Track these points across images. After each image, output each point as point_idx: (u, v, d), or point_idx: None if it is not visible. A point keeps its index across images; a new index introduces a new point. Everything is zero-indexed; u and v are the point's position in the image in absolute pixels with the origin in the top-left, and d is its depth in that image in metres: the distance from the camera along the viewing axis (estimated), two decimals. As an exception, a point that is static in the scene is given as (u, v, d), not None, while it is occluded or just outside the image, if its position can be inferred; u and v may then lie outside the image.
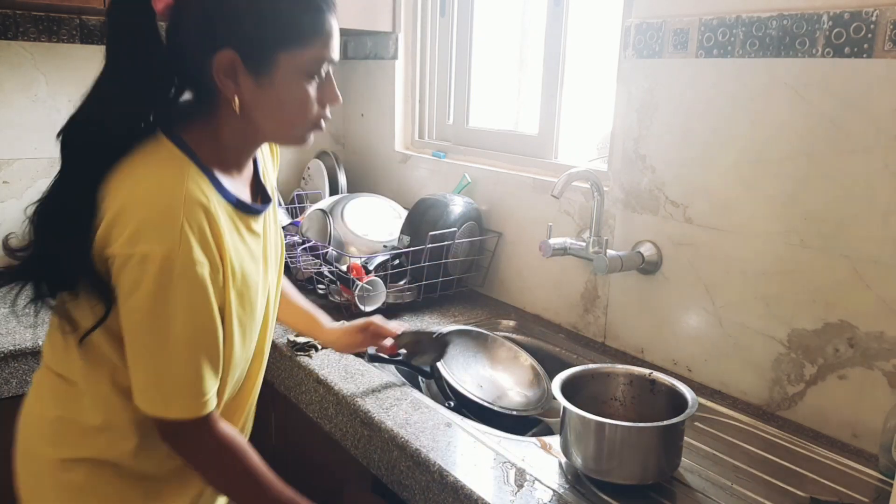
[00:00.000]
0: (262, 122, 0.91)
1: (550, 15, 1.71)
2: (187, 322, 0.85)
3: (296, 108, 0.90)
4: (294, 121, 0.92)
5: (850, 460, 1.10)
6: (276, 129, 0.93)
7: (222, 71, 0.85)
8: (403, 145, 2.21)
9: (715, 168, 1.30)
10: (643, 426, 0.98)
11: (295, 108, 0.90)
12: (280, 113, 0.90)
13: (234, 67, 0.85)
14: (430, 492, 1.05)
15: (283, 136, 0.96)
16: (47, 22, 1.85)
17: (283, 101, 0.89)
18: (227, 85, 0.86)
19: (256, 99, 0.88)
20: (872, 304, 1.11)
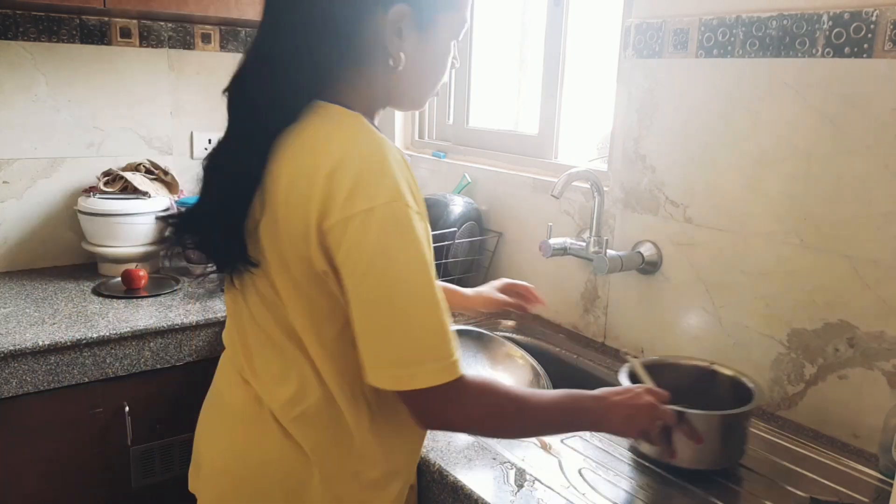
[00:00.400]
0: (412, 80, 0.92)
1: (550, 15, 1.71)
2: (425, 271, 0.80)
3: (443, 66, 0.94)
4: (436, 80, 0.95)
5: (850, 460, 1.10)
6: (418, 88, 0.94)
7: (392, 26, 0.86)
8: (403, 145, 2.21)
9: (715, 168, 1.30)
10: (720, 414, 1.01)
11: (440, 67, 0.94)
12: (431, 70, 0.93)
13: (402, 23, 0.86)
14: (430, 492, 1.05)
15: (418, 97, 0.96)
16: (47, 22, 1.85)
17: (436, 58, 0.92)
18: (393, 41, 0.87)
19: (416, 55, 0.90)
20: (872, 304, 1.11)
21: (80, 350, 1.46)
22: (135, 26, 1.97)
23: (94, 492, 1.54)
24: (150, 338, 1.53)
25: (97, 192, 1.89)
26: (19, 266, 1.93)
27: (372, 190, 0.78)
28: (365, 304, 0.80)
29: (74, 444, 1.50)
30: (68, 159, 1.95)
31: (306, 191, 0.80)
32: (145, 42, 1.99)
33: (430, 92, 0.96)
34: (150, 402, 1.55)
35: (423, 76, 0.93)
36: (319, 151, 0.82)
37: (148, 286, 1.78)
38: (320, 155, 0.81)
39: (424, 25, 0.88)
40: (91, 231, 1.87)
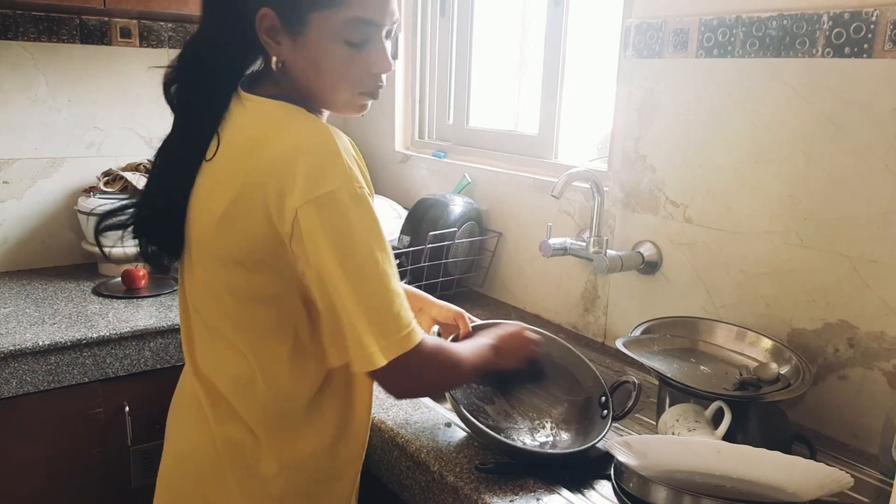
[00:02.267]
0: (307, 85, 0.90)
1: (550, 15, 1.71)
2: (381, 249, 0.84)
3: (333, 72, 0.88)
4: (334, 84, 0.90)
5: (851, 460, 1.10)
6: (319, 92, 0.91)
7: (264, 29, 0.87)
8: (403, 145, 2.21)
9: (715, 168, 1.30)
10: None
11: (332, 72, 0.88)
12: (318, 75, 0.89)
13: (274, 26, 0.87)
14: (430, 492, 1.05)
15: (329, 101, 0.93)
16: (47, 22, 1.85)
17: (318, 63, 0.88)
18: (269, 44, 0.88)
19: (295, 59, 0.89)
20: (872, 304, 1.11)
21: (80, 350, 1.46)
22: (135, 26, 1.97)
23: (94, 492, 1.54)
24: (150, 338, 1.53)
25: (97, 192, 1.89)
26: (19, 266, 1.94)
27: (326, 175, 0.81)
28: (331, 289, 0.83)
29: (74, 444, 1.50)
30: (68, 159, 1.95)
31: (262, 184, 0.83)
32: (145, 42, 1.99)
33: (340, 96, 0.91)
34: (150, 402, 1.55)
35: (313, 80, 0.90)
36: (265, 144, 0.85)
37: (148, 286, 1.78)
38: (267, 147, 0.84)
39: (296, 27, 0.86)
40: (91, 231, 1.87)
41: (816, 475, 0.84)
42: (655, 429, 1.15)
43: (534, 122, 1.81)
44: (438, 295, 1.74)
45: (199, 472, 0.98)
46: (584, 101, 1.74)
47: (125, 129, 2.02)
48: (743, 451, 0.89)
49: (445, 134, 2.11)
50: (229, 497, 0.96)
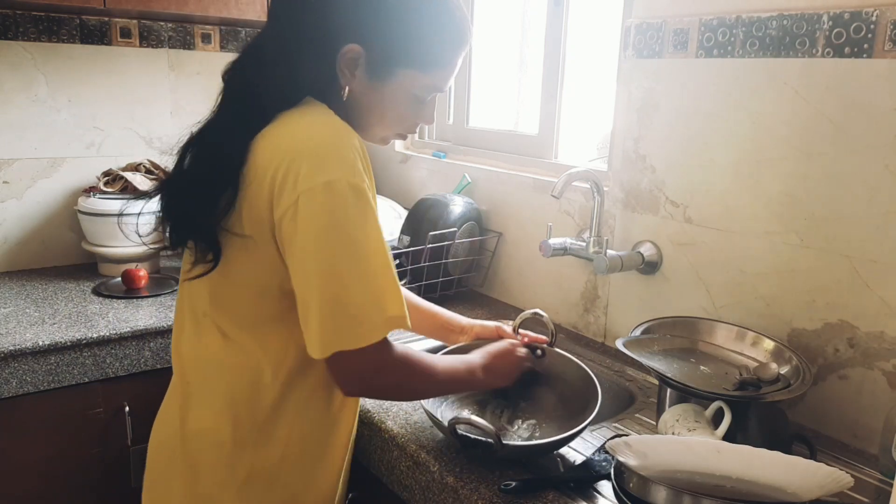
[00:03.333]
0: (360, 116, 0.97)
1: (550, 15, 1.71)
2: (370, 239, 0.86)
3: (394, 117, 0.99)
4: (387, 125, 1.00)
5: (851, 460, 1.10)
6: (368, 126, 0.99)
7: (345, 60, 0.92)
8: (403, 145, 2.21)
9: (715, 168, 1.30)
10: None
11: (394, 117, 0.99)
12: (379, 116, 0.98)
13: (357, 62, 0.92)
14: (430, 492, 1.05)
15: (371, 134, 1.02)
16: (47, 22, 1.85)
17: (385, 108, 0.97)
18: (343, 73, 0.93)
19: (364, 95, 0.95)
20: (872, 304, 1.11)
21: (80, 350, 1.46)
22: (135, 26, 1.97)
23: (94, 492, 1.54)
24: (150, 338, 1.53)
25: (97, 192, 1.89)
26: (19, 266, 1.94)
27: (328, 166, 0.84)
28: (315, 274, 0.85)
29: (74, 444, 1.50)
30: (68, 159, 1.95)
31: (271, 169, 0.86)
32: (145, 42, 1.99)
33: (384, 133, 1.02)
34: (150, 402, 1.54)
35: (370, 117, 0.98)
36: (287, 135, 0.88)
37: (148, 286, 1.78)
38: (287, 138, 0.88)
39: (379, 73, 0.94)
40: (91, 231, 1.87)
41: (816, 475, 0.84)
42: (655, 429, 1.15)
43: (534, 122, 1.81)
44: (439, 295, 1.74)
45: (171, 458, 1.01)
46: (584, 101, 1.74)
47: (125, 129, 2.02)
48: (743, 451, 0.89)
49: (445, 134, 2.11)
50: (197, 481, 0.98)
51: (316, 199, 0.84)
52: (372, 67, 0.93)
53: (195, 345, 0.99)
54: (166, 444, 1.02)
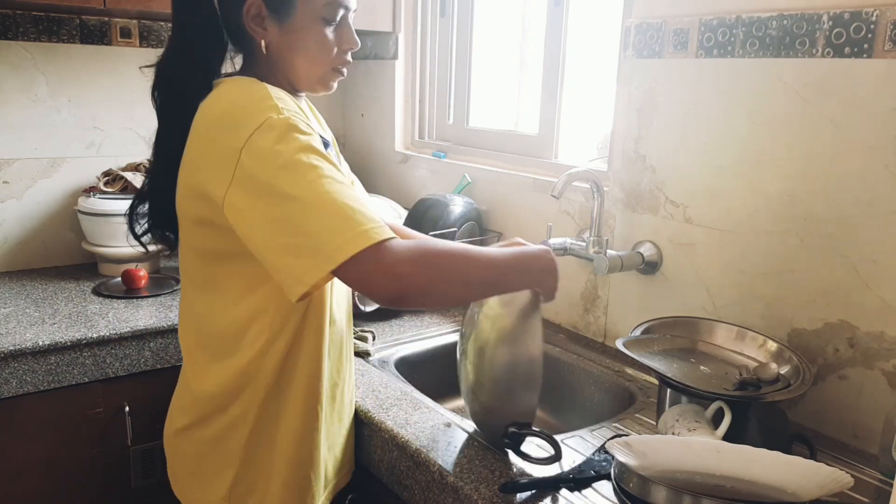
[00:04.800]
0: (289, 64, 1.01)
1: (550, 15, 1.71)
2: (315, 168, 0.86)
3: (316, 49, 1.01)
4: (315, 61, 1.02)
5: (851, 460, 1.10)
6: (300, 70, 1.02)
7: (251, 18, 0.98)
8: (403, 145, 2.21)
9: (715, 168, 1.30)
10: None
11: (315, 49, 1.01)
12: (303, 54, 1.01)
13: (261, 13, 0.98)
14: (430, 492, 1.05)
15: (308, 78, 1.04)
16: (47, 22, 1.85)
17: (304, 42, 1.00)
18: (255, 31, 0.99)
19: (281, 41, 1.00)
20: (872, 304, 1.11)
21: (80, 350, 1.46)
22: (135, 26, 1.97)
23: (94, 492, 1.54)
24: (150, 338, 1.53)
25: (97, 192, 1.89)
26: (19, 266, 1.94)
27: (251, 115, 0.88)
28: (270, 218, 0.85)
29: (74, 444, 1.50)
30: (68, 159, 1.95)
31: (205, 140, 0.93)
32: (145, 42, 1.99)
33: (316, 72, 1.03)
34: (150, 402, 1.55)
35: (299, 59, 1.01)
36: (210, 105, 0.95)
37: (148, 286, 1.78)
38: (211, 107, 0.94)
39: (283, 12, 0.98)
40: (91, 231, 1.87)
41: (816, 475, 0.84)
42: (655, 429, 1.15)
43: (534, 122, 1.81)
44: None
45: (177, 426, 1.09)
46: (584, 101, 1.74)
47: (125, 129, 2.02)
48: (743, 451, 0.89)
49: (445, 134, 2.11)
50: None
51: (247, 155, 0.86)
52: (275, 10, 0.98)
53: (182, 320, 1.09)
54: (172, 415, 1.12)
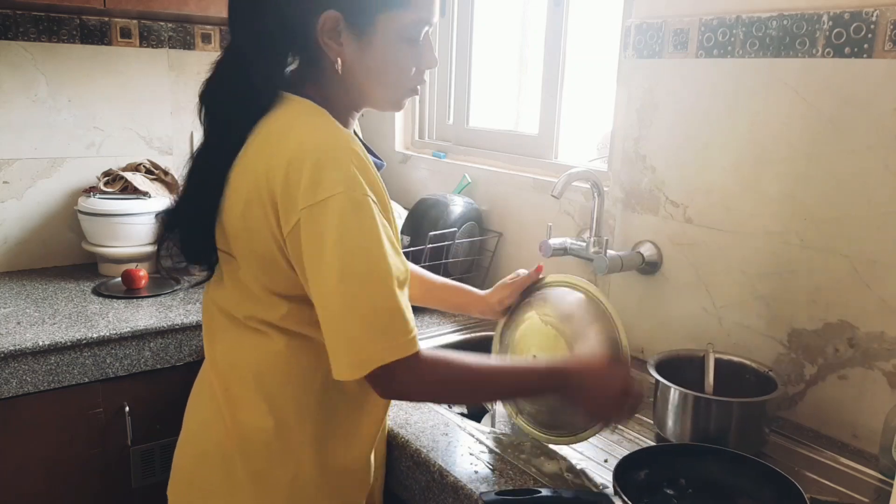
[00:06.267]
0: (363, 84, 0.94)
1: (550, 15, 1.71)
2: (382, 254, 0.84)
3: (395, 70, 0.93)
4: (393, 83, 0.95)
5: (850, 460, 1.10)
6: (375, 91, 0.95)
7: (326, 32, 0.88)
8: (403, 145, 2.21)
9: (715, 168, 1.30)
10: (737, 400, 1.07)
11: (394, 70, 0.93)
12: (380, 74, 0.93)
13: (338, 28, 0.89)
14: (430, 492, 1.05)
15: (382, 100, 0.97)
16: (47, 22, 1.85)
17: (383, 62, 0.92)
18: (330, 46, 0.89)
19: (358, 60, 0.91)
20: (872, 304, 1.11)
21: (80, 350, 1.46)
22: (135, 26, 1.97)
23: (94, 492, 1.54)
24: (150, 338, 1.53)
25: (97, 192, 1.89)
26: (19, 266, 1.94)
27: (327, 179, 0.82)
28: (325, 293, 0.83)
29: (74, 444, 1.50)
30: (68, 159, 1.95)
31: (268, 181, 0.84)
32: (145, 42, 1.99)
33: (391, 93, 0.96)
34: (150, 402, 1.55)
35: (374, 78, 0.94)
36: (280, 144, 0.86)
37: (148, 286, 1.78)
38: (281, 146, 0.85)
39: (362, 28, 0.90)
40: (91, 231, 1.87)
41: None
42: (653, 427, 1.15)
43: (534, 122, 1.81)
44: (438, 295, 1.74)
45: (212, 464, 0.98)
46: (584, 101, 1.74)
47: (125, 129, 2.02)
48: None
49: (445, 134, 2.11)
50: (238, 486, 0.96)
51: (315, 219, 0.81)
52: (354, 27, 0.89)
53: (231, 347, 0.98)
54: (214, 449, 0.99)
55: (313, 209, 0.81)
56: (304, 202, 0.82)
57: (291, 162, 0.83)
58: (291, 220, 0.83)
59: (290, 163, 0.83)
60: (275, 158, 0.84)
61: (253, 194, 0.86)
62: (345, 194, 0.82)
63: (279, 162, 0.84)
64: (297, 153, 0.83)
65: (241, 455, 0.95)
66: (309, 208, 0.81)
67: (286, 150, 0.84)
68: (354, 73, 0.92)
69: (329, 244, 0.81)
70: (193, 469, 1.01)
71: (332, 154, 0.83)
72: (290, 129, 0.87)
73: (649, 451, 1.01)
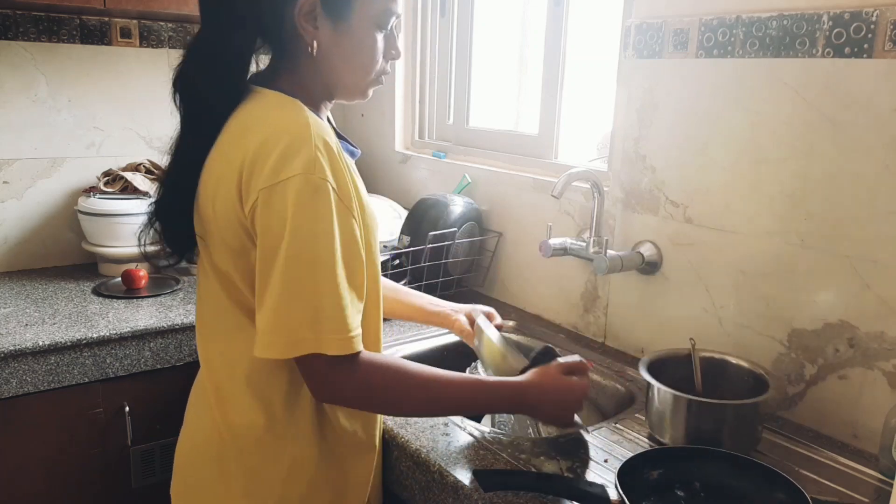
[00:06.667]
0: (336, 69, 0.95)
1: (550, 15, 1.71)
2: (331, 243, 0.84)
3: (367, 55, 0.96)
4: (365, 69, 0.97)
5: (850, 460, 1.10)
6: (346, 77, 0.97)
7: (303, 15, 0.90)
8: (403, 145, 2.21)
9: (715, 168, 1.30)
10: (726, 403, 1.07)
11: (367, 55, 0.96)
12: (353, 59, 0.95)
13: (314, 11, 0.90)
14: (430, 492, 1.05)
15: (353, 86, 0.99)
16: (47, 22, 1.85)
17: (356, 46, 0.94)
18: (306, 29, 0.91)
19: (333, 44, 0.93)
20: (872, 304, 1.11)
21: (80, 350, 1.46)
22: (135, 26, 1.97)
23: (94, 492, 1.54)
24: (150, 338, 1.53)
25: (97, 192, 1.89)
26: (19, 266, 1.94)
27: (292, 162, 0.83)
28: (269, 271, 0.84)
29: (74, 444, 1.50)
30: (68, 159, 1.95)
31: (236, 167, 0.86)
32: (145, 42, 1.99)
33: (362, 80, 0.98)
34: (150, 402, 1.55)
35: (348, 64, 0.96)
36: (250, 131, 0.88)
37: (148, 286, 1.78)
38: (250, 134, 0.87)
39: (339, 12, 0.92)
40: (91, 231, 1.87)
41: None
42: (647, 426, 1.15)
43: (534, 122, 1.81)
44: (438, 295, 1.74)
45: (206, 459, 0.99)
46: (584, 101, 1.74)
47: (125, 129, 2.02)
48: None
49: (445, 134, 2.11)
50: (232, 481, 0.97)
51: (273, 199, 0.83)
52: (330, 10, 0.91)
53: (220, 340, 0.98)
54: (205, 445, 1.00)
55: (272, 189, 0.83)
56: (264, 183, 0.83)
57: (261, 147, 0.85)
58: (251, 201, 0.85)
59: (260, 147, 0.85)
60: (246, 145, 0.86)
61: (222, 181, 0.88)
62: (303, 176, 0.83)
63: (250, 147, 0.85)
64: (268, 138, 0.85)
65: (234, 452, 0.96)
66: (268, 188, 0.83)
67: (258, 136, 0.86)
68: (329, 57, 0.94)
69: (280, 223, 0.83)
70: (189, 468, 1.02)
71: (299, 139, 0.85)
72: (263, 119, 0.89)
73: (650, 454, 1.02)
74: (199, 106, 0.93)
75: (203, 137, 0.93)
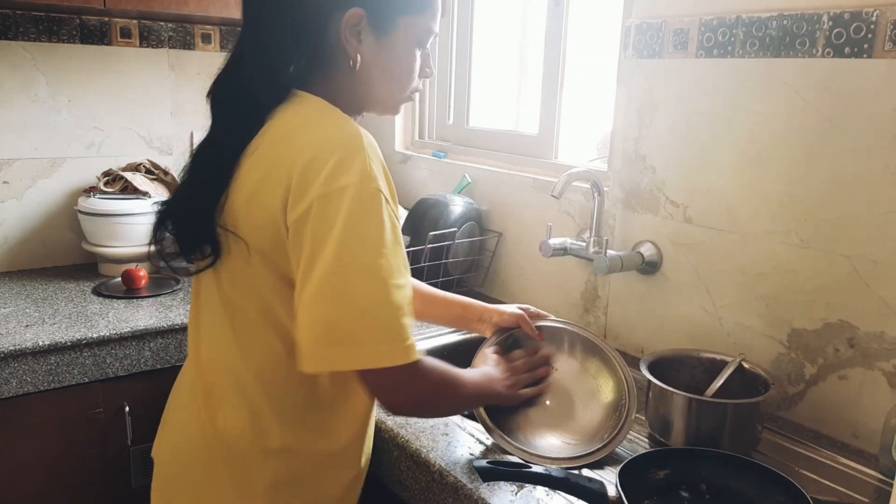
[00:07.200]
0: (374, 82, 0.96)
1: (550, 15, 1.71)
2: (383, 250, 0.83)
3: (405, 71, 0.97)
4: (401, 85, 0.98)
5: (850, 460, 1.10)
6: (382, 92, 0.98)
7: (349, 28, 0.90)
8: (403, 145, 2.21)
9: (715, 168, 1.30)
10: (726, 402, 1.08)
11: (404, 71, 0.97)
12: (391, 74, 0.96)
13: (360, 25, 0.91)
14: (430, 492, 1.05)
15: (387, 100, 1.00)
16: (47, 22, 1.85)
17: (397, 63, 0.96)
18: (351, 42, 0.91)
19: (374, 59, 0.94)
20: (872, 304, 1.11)
21: (80, 350, 1.46)
22: (135, 26, 1.97)
23: (94, 492, 1.54)
24: (150, 338, 1.53)
25: (97, 192, 1.89)
26: (19, 266, 1.94)
27: (347, 171, 0.82)
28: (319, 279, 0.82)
29: (74, 444, 1.50)
30: (68, 159, 1.95)
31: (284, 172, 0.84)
32: (145, 42, 1.99)
33: (397, 96, 1.00)
34: (150, 402, 1.55)
35: (387, 79, 0.96)
36: (297, 136, 0.87)
37: (148, 286, 1.78)
38: (299, 139, 0.86)
39: (383, 28, 0.92)
40: (91, 231, 1.87)
41: None
42: (646, 425, 1.15)
43: (534, 122, 1.81)
44: (438, 295, 1.74)
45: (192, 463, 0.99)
46: (584, 101, 1.74)
47: (125, 129, 2.02)
48: None
49: (445, 134, 2.11)
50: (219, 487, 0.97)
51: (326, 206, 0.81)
52: (376, 25, 0.91)
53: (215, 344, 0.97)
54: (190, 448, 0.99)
55: (329, 196, 0.82)
56: (320, 190, 0.82)
57: (315, 155, 0.83)
58: (301, 207, 0.83)
59: (314, 155, 0.83)
60: (296, 151, 0.85)
61: (266, 184, 0.86)
62: (360, 185, 0.82)
63: (302, 154, 0.84)
64: (323, 146, 0.84)
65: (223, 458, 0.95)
66: (324, 196, 0.82)
67: (310, 143, 0.85)
68: (368, 70, 0.94)
69: (336, 230, 0.81)
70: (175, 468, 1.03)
71: (354, 149, 0.85)
72: (314, 125, 0.88)
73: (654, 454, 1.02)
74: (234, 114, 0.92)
75: (236, 142, 0.91)
